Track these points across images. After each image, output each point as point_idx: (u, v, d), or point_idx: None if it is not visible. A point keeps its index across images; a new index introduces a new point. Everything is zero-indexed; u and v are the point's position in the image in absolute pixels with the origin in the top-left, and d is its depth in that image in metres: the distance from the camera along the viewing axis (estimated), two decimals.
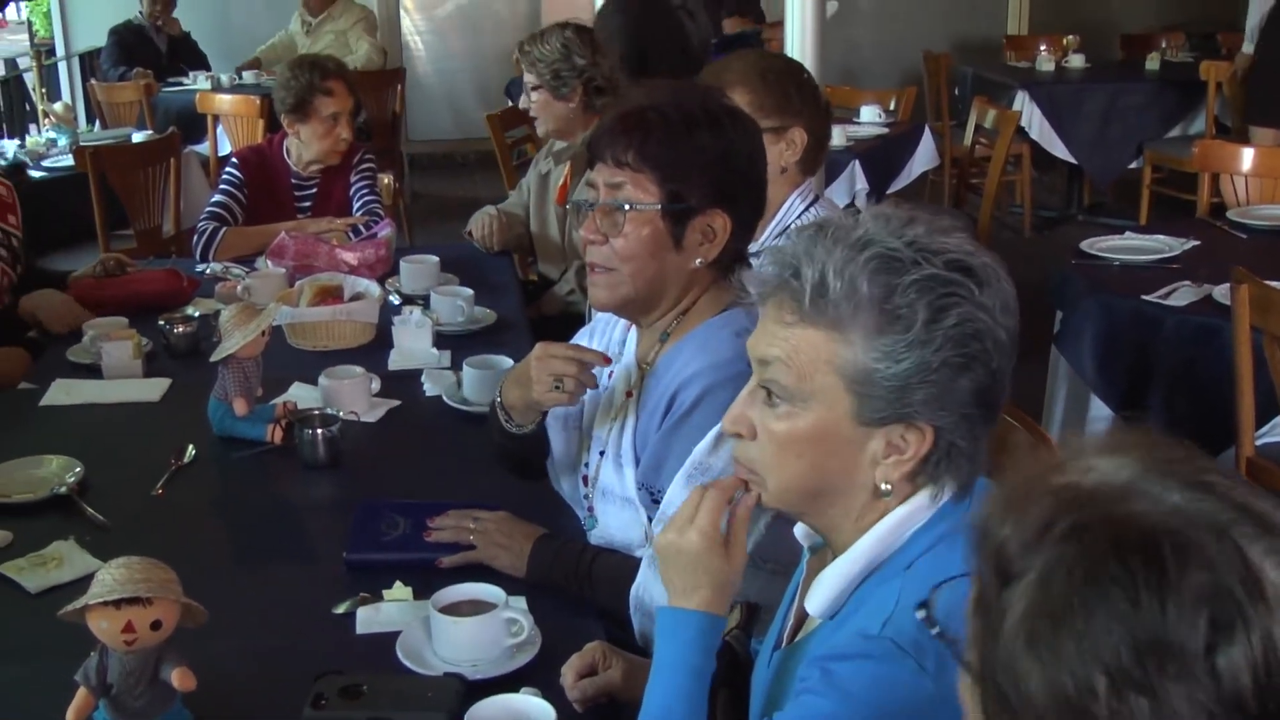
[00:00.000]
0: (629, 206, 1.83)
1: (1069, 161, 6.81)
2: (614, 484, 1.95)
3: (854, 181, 4.91)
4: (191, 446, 2.36)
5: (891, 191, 5.26)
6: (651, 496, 1.88)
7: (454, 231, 4.42)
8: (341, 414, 2.38)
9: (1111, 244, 3.55)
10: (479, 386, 2.51)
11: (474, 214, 3.82)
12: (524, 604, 1.78)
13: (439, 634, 1.67)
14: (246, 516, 2.22)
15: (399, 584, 1.84)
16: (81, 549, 1.97)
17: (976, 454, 1.25)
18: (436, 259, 3.42)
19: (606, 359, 1.97)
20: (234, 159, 3.94)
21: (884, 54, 8.99)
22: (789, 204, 2.56)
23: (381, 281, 3.28)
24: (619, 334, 2.08)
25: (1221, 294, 3.00)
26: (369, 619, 1.79)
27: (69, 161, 5.18)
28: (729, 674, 1.43)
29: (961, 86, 7.19)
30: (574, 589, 1.85)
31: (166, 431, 2.46)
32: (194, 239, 3.70)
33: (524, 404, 1.99)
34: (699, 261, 1.86)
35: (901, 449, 1.23)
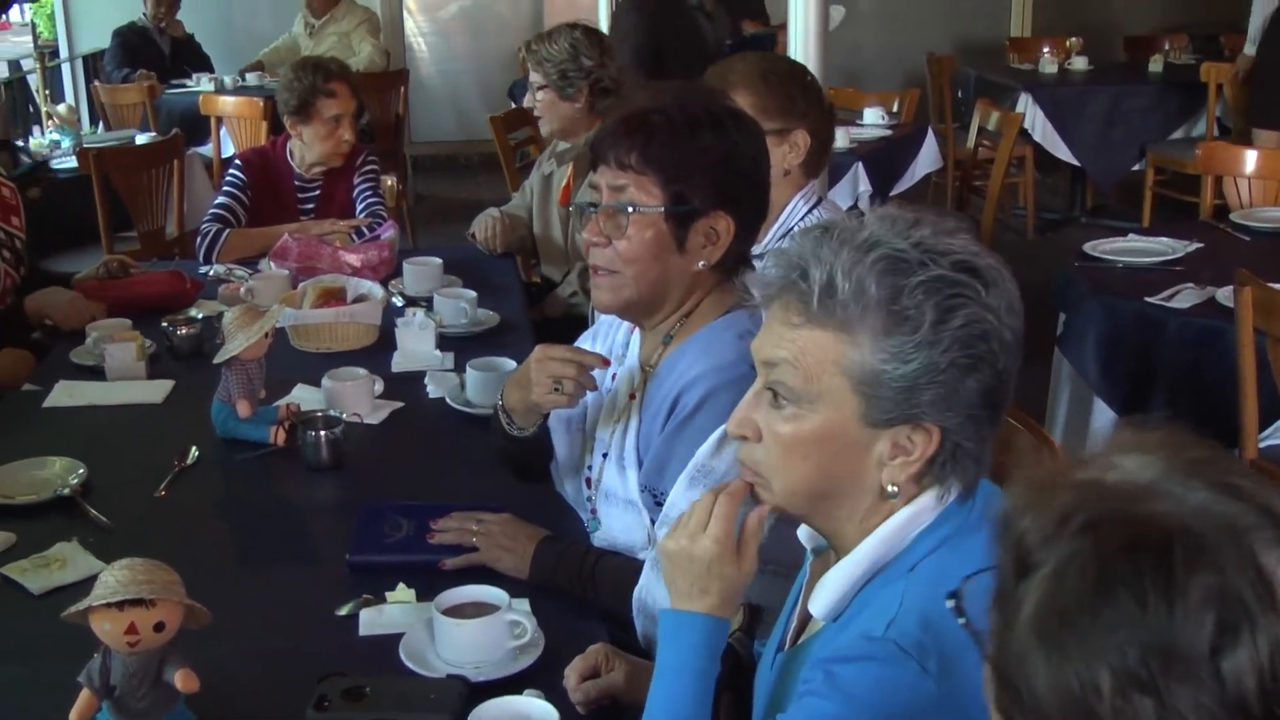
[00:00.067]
0: (632, 209, 1.83)
1: (1072, 163, 6.80)
2: (617, 486, 1.95)
3: (857, 183, 4.91)
4: (195, 448, 2.36)
5: (894, 194, 5.25)
6: (654, 499, 1.87)
7: (457, 233, 4.41)
8: (344, 416, 2.38)
9: (1114, 246, 3.55)
10: (482, 388, 2.51)
11: (477, 216, 3.82)
12: (527, 606, 1.78)
13: (442, 636, 1.67)
14: (249, 518, 2.22)
15: (402, 586, 1.84)
16: (85, 550, 1.97)
17: (982, 455, 1.25)
18: (439, 261, 3.42)
19: (605, 361, 1.97)
20: (237, 161, 3.94)
21: (887, 56, 8.98)
22: (792, 206, 2.56)
23: (385, 283, 3.29)
24: (622, 336, 2.07)
25: (1225, 296, 3.00)
26: (372, 621, 1.79)
27: (72, 163, 5.19)
28: (732, 676, 1.43)
29: (964, 88, 7.18)
30: (577, 591, 1.85)
31: (170, 433, 2.46)
32: (197, 241, 3.70)
33: (524, 406, 1.99)
34: (702, 264, 1.86)
35: (908, 450, 1.23)
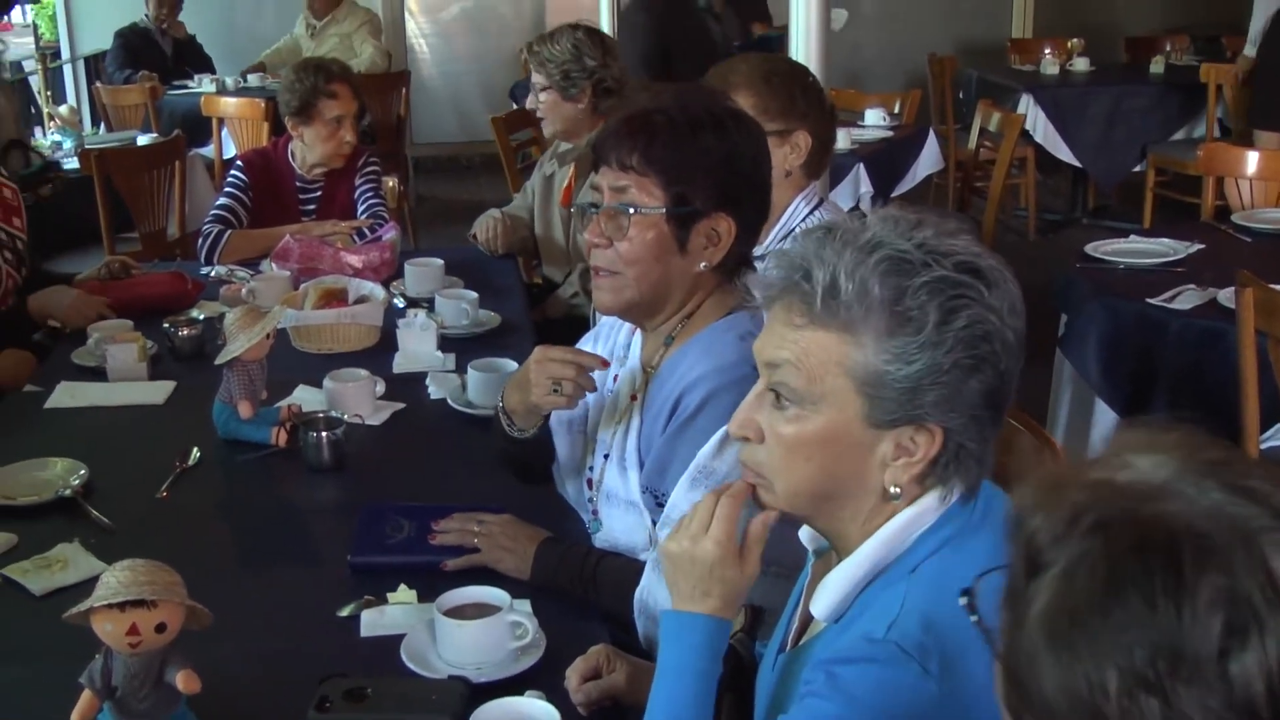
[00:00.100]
0: (633, 210, 1.83)
1: (1073, 165, 6.80)
2: (618, 487, 1.95)
3: (858, 185, 4.91)
4: (196, 449, 2.36)
5: (896, 195, 5.25)
6: (655, 500, 1.87)
7: (458, 234, 4.41)
8: (346, 417, 2.38)
9: (1116, 247, 3.55)
10: (483, 389, 2.51)
11: (478, 217, 3.82)
12: (528, 607, 1.78)
13: (443, 637, 1.67)
14: (251, 519, 2.22)
15: (403, 587, 1.84)
16: (86, 551, 1.98)
17: (984, 456, 1.25)
18: (441, 262, 3.42)
19: (604, 362, 1.97)
20: (239, 162, 3.94)
21: (888, 57, 8.98)
22: (793, 207, 2.56)
23: (386, 284, 3.29)
24: (624, 337, 2.07)
25: (1226, 298, 3.00)
26: (373, 622, 1.79)
27: (74, 164, 5.19)
28: (734, 677, 1.43)
29: (966, 90, 7.18)
30: (578, 592, 1.85)
31: (171, 434, 2.46)
32: (199, 242, 3.70)
33: (524, 408, 1.99)
34: (703, 265, 1.86)
35: (911, 451, 1.23)
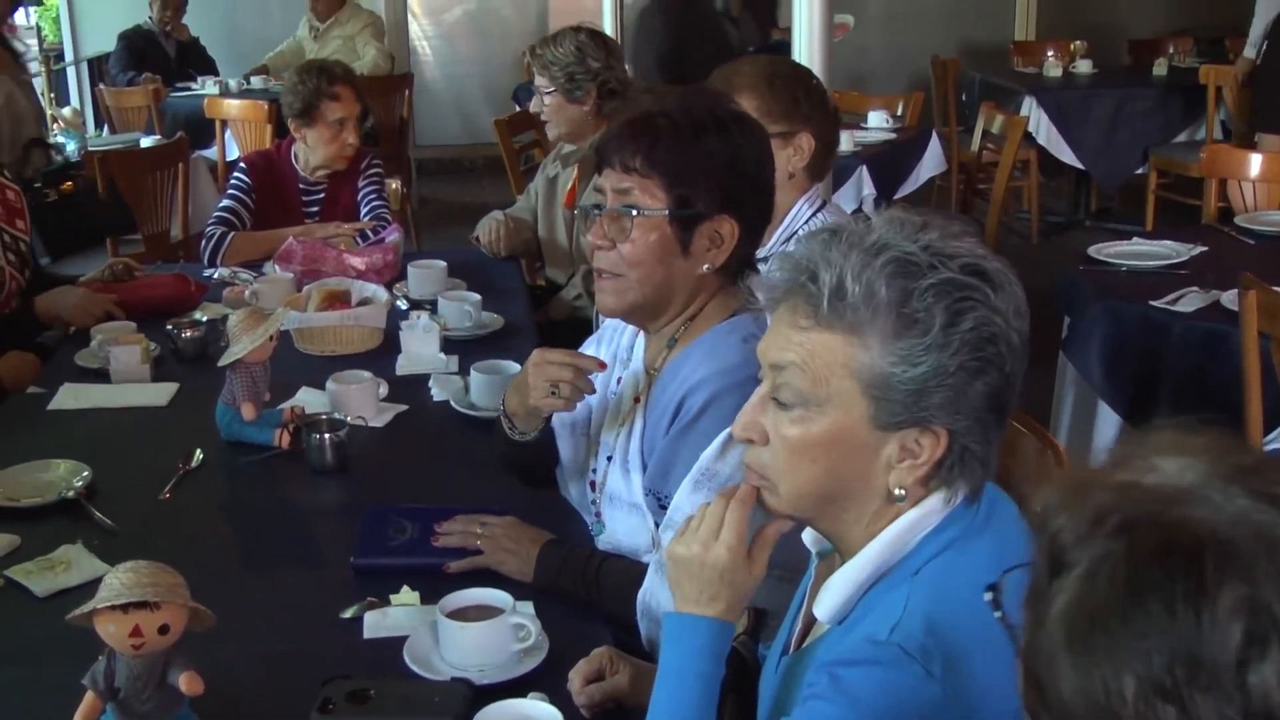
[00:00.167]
0: (636, 212, 1.83)
1: (1076, 167, 6.80)
2: (621, 489, 1.95)
3: (861, 187, 4.91)
4: (199, 451, 2.36)
5: (899, 197, 5.25)
6: (659, 502, 1.87)
7: (461, 236, 4.41)
8: (349, 419, 2.38)
9: (1119, 249, 3.55)
10: (486, 391, 2.51)
11: (481, 219, 3.82)
12: (531, 609, 1.78)
13: (446, 639, 1.67)
14: (254, 521, 2.22)
15: (406, 589, 1.84)
16: (89, 553, 1.98)
17: (989, 457, 1.25)
18: (444, 264, 3.42)
19: (602, 365, 1.97)
20: (242, 164, 3.94)
21: (891, 59, 8.98)
22: (796, 209, 2.55)
23: (389, 286, 3.29)
24: (627, 339, 2.07)
25: (1229, 300, 2.99)
26: (376, 624, 1.79)
27: None
28: (736, 680, 1.43)
29: (969, 92, 7.18)
30: (581, 594, 1.85)
31: (174, 436, 2.47)
32: (202, 244, 3.70)
33: (524, 410, 2.00)
34: (706, 267, 1.86)
35: (916, 453, 1.23)
